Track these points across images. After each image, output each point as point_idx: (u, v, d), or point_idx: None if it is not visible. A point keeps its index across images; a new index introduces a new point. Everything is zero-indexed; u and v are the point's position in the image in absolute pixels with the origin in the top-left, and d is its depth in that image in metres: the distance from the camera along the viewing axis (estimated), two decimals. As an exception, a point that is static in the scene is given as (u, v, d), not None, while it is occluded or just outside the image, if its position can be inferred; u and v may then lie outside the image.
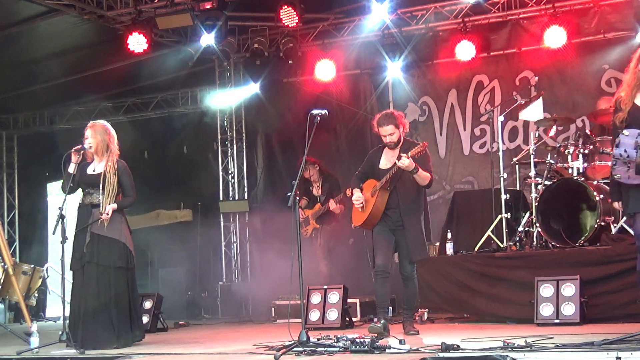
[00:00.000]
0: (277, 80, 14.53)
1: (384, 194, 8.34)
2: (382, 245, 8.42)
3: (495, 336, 7.32)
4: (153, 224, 15.14)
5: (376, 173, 8.50)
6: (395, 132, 8.36)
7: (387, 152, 8.52)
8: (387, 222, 8.42)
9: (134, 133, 14.37)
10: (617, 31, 12.33)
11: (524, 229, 10.72)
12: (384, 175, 8.35)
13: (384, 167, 8.44)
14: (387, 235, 8.43)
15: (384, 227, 8.44)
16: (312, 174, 12.18)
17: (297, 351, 6.78)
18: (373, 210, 8.35)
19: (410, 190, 8.35)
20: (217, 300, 14.05)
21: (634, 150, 6.57)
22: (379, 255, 8.39)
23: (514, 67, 13.27)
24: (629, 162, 6.65)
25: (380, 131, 8.41)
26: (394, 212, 8.36)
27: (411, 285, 8.59)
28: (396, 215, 8.37)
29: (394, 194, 8.34)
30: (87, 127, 8.65)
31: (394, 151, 8.42)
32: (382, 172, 8.41)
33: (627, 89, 6.87)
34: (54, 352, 7.87)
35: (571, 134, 11.96)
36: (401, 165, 7.95)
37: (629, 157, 6.64)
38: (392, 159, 8.36)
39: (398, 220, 8.36)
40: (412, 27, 13.49)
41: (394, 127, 8.35)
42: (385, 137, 8.40)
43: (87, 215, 8.49)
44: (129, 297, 8.53)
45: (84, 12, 12.37)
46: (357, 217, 8.63)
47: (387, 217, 8.40)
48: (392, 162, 8.30)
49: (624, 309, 8.63)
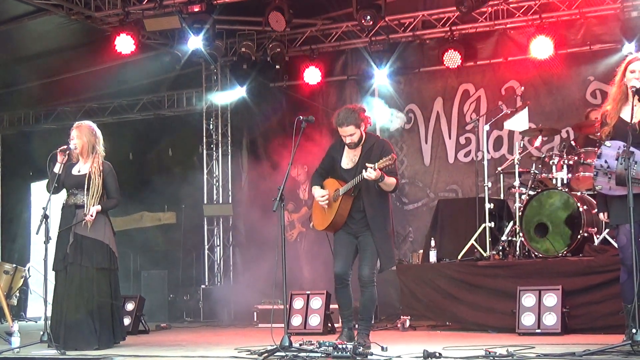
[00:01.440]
0: (264, 85, 14.53)
1: (347, 199, 7.72)
2: (341, 253, 7.79)
3: (477, 345, 7.34)
4: (137, 226, 15.11)
5: (337, 172, 7.88)
6: (356, 133, 7.65)
7: (349, 149, 7.85)
8: (351, 226, 7.76)
9: (119, 134, 14.33)
10: (603, 43, 12.41)
11: (507, 238, 10.75)
12: (345, 175, 7.76)
13: (345, 167, 7.82)
14: (348, 241, 7.79)
15: (346, 232, 7.80)
16: (300, 174, 12.17)
17: (279, 356, 6.77)
18: (336, 217, 7.75)
19: (375, 195, 7.69)
20: (199, 303, 14.01)
21: (615, 161, 6.61)
22: (337, 264, 7.77)
23: (500, 77, 13.31)
24: (610, 173, 6.70)
25: (340, 131, 7.71)
26: (359, 215, 7.74)
27: (368, 293, 7.73)
28: (361, 220, 7.74)
29: (358, 199, 7.72)
30: (73, 128, 8.62)
31: (355, 149, 7.78)
32: (344, 172, 7.79)
33: (613, 103, 6.92)
34: (35, 352, 7.83)
35: (556, 144, 12.02)
36: (367, 177, 7.31)
37: (610, 168, 6.69)
38: (354, 158, 7.76)
39: (364, 224, 7.73)
40: (400, 35, 13.52)
41: (354, 128, 7.62)
42: (345, 138, 7.70)
43: (71, 215, 8.45)
44: (111, 299, 8.50)
45: (71, 13, 12.33)
46: (320, 221, 7.98)
47: (351, 220, 7.75)
48: (355, 161, 7.74)
49: (605, 320, 8.66)
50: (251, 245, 13.75)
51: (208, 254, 14.82)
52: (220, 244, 14.89)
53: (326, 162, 8.05)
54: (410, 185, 13.74)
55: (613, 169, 6.65)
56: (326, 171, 8.02)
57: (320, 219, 7.98)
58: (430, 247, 10.97)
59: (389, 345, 7.44)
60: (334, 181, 7.84)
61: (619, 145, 6.60)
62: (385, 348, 7.03)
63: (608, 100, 7.07)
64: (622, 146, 6.57)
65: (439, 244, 11.13)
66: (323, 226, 7.94)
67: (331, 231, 7.94)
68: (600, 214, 7.20)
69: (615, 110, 6.88)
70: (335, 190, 7.75)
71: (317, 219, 8.06)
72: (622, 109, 6.86)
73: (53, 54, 13.91)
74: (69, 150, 8.48)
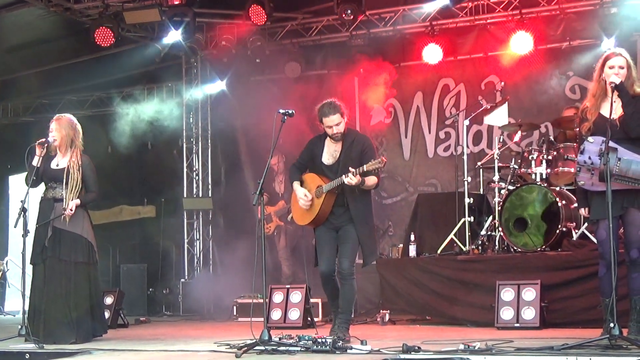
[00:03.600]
0: (244, 78, 14.48)
1: (330, 196, 7.70)
2: (325, 250, 7.79)
3: (456, 339, 7.35)
4: (116, 220, 15.05)
5: (317, 166, 7.85)
6: (342, 122, 7.65)
7: (329, 144, 7.84)
8: (334, 222, 7.79)
9: (98, 127, 14.26)
10: (583, 39, 12.46)
11: (486, 232, 10.79)
12: (325, 170, 7.75)
13: (326, 162, 7.80)
14: (330, 238, 7.80)
15: (329, 228, 7.81)
16: (278, 163, 12.14)
17: (259, 350, 6.76)
18: (319, 213, 7.73)
19: (358, 191, 7.63)
20: (179, 297, 13.97)
21: (598, 157, 6.62)
22: (322, 261, 7.79)
23: (480, 72, 13.34)
24: (593, 169, 6.72)
25: (326, 122, 7.67)
26: (342, 210, 7.74)
27: (348, 286, 7.76)
28: (343, 214, 7.75)
29: (341, 195, 7.69)
30: (53, 120, 8.58)
31: (336, 144, 7.77)
32: (324, 167, 7.78)
33: (592, 99, 6.95)
34: (13, 346, 7.79)
35: (535, 139, 12.07)
36: (347, 183, 7.35)
37: (593, 164, 6.70)
38: (335, 153, 7.76)
39: (345, 219, 7.74)
40: (380, 29, 13.52)
41: (340, 117, 7.64)
42: (332, 128, 7.67)
43: (50, 209, 8.41)
44: (90, 293, 8.47)
45: (50, 4, 12.25)
46: (302, 217, 7.98)
47: (334, 216, 7.76)
48: (335, 157, 7.74)
49: (583, 315, 8.72)
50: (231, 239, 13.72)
51: (188, 247, 14.78)
52: (200, 237, 14.85)
53: (305, 156, 8.04)
54: (390, 180, 13.73)
55: (596, 165, 6.66)
56: (304, 165, 8.02)
57: (301, 215, 7.99)
58: (409, 242, 10.99)
59: (369, 339, 7.41)
60: (315, 176, 7.84)
61: (601, 141, 6.60)
62: (365, 342, 7.02)
63: (588, 96, 7.09)
64: (604, 142, 6.57)
65: (418, 238, 11.14)
66: (305, 222, 7.97)
67: (313, 226, 7.96)
68: (581, 209, 7.23)
69: (595, 106, 6.90)
70: (317, 187, 7.75)
71: (298, 214, 8.07)
72: (601, 104, 6.88)
73: (32, 46, 13.82)
74: (48, 143, 8.43)
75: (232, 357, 6.52)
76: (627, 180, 6.59)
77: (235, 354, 6.57)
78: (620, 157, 6.55)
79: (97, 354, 7.16)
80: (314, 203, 7.78)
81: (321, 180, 7.75)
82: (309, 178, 7.91)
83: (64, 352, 7.24)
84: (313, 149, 7.96)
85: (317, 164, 7.89)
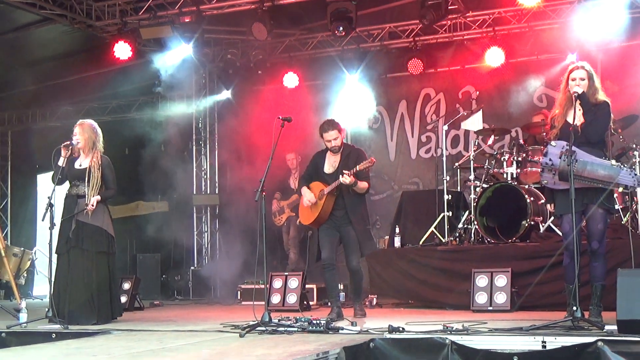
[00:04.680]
0: (248, 88, 14.47)
1: (330, 198, 8.20)
2: (326, 241, 8.25)
3: (436, 320, 7.36)
4: (133, 214, 15.00)
5: (320, 176, 8.37)
6: (338, 137, 8.23)
7: (330, 156, 8.39)
8: (334, 221, 8.27)
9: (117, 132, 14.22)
10: (550, 53, 12.49)
11: (463, 226, 10.79)
12: (327, 178, 8.26)
13: (327, 172, 8.32)
14: (332, 233, 8.28)
15: (329, 226, 8.28)
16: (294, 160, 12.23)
17: (260, 330, 6.75)
18: (321, 213, 8.21)
19: (354, 194, 8.21)
20: (189, 283, 13.96)
21: (559, 159, 6.65)
22: (324, 250, 8.24)
23: (458, 82, 13.37)
24: (554, 170, 6.74)
25: (325, 137, 8.25)
26: (341, 212, 8.24)
27: (358, 277, 8.46)
28: (342, 215, 8.24)
29: (340, 198, 8.21)
30: (76, 125, 8.56)
31: (335, 156, 8.33)
32: (326, 176, 8.29)
33: (560, 108, 6.98)
34: (41, 327, 7.76)
35: (506, 142, 12.07)
36: (343, 182, 7.91)
37: (554, 165, 6.73)
38: (334, 163, 8.30)
39: (344, 219, 8.24)
40: (369, 44, 13.53)
41: (337, 132, 8.20)
42: (330, 142, 8.24)
43: (73, 204, 8.40)
44: (109, 279, 8.46)
45: (74, 22, 12.26)
46: (306, 217, 8.45)
47: (333, 216, 8.26)
48: (335, 167, 8.26)
49: (550, 299, 8.70)
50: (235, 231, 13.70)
51: (197, 239, 14.80)
52: (208, 230, 14.86)
53: (310, 168, 8.57)
54: (377, 178, 13.71)
55: (557, 166, 6.69)
56: (310, 175, 8.51)
57: (306, 216, 8.46)
58: (394, 234, 10.99)
59: (358, 320, 7.47)
60: (319, 183, 8.35)
61: (562, 144, 6.65)
62: (355, 323, 7.03)
63: (555, 105, 7.11)
64: (565, 145, 6.61)
65: (402, 230, 11.14)
66: (309, 221, 8.43)
67: (315, 226, 8.41)
68: (547, 205, 7.25)
69: (562, 114, 6.93)
70: (320, 191, 8.24)
71: (303, 216, 8.54)
72: (567, 112, 6.90)
73: (57, 59, 13.81)
74: (72, 145, 8.42)
75: (237, 337, 6.51)
76: (583, 179, 6.60)
77: (239, 334, 6.56)
78: (577, 158, 6.56)
79: (116, 334, 7.14)
80: (317, 204, 8.24)
81: (324, 187, 8.25)
82: (314, 185, 8.38)
83: (86, 332, 7.22)
84: (317, 162, 8.50)
85: (320, 173, 8.40)
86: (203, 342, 6.31)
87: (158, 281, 13.94)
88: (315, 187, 8.33)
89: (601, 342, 5.44)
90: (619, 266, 7.10)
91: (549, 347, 5.79)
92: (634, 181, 6.63)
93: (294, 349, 5.56)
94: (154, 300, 12.42)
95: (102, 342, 6.55)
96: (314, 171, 8.48)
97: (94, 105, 15.69)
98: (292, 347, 5.68)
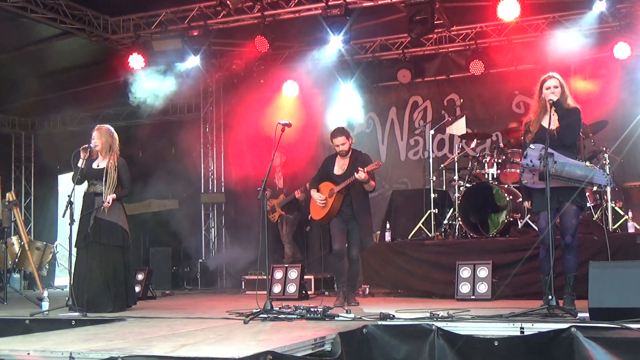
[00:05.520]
0: (251, 95, 14.44)
1: (340, 196, 8.44)
2: (338, 234, 8.52)
3: (424, 308, 7.36)
4: (146, 211, 14.98)
5: (330, 177, 8.60)
6: (346, 143, 8.50)
7: (339, 160, 8.63)
8: (342, 215, 8.51)
9: (131, 135, 14.22)
10: (526, 64, 12.49)
11: (448, 222, 10.79)
12: (337, 179, 8.49)
13: (337, 173, 8.56)
14: (342, 226, 8.53)
15: (339, 220, 8.53)
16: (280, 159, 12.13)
17: (263, 317, 6.74)
18: (331, 209, 8.46)
19: (360, 194, 8.46)
20: (197, 274, 13.95)
21: (538, 160, 6.66)
22: (335, 243, 8.52)
23: (443, 91, 13.38)
24: (534, 170, 6.75)
25: (334, 142, 8.53)
26: (348, 208, 8.47)
27: (355, 267, 8.68)
28: (349, 211, 8.47)
29: (348, 196, 8.45)
30: (94, 130, 8.55)
31: (344, 159, 8.57)
32: (336, 177, 8.53)
33: (534, 114, 7.01)
34: (62, 315, 7.76)
35: (487, 146, 12.06)
36: (358, 178, 8.10)
37: (534, 166, 6.73)
38: (343, 166, 8.53)
39: (351, 214, 8.47)
40: (362, 56, 13.54)
41: (345, 138, 8.49)
42: (338, 147, 8.52)
43: (91, 202, 8.39)
44: (124, 270, 8.44)
45: (92, 35, 12.27)
46: (317, 213, 8.66)
47: (342, 212, 8.50)
48: (344, 169, 8.47)
49: (527, 289, 8.72)
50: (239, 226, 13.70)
51: (204, 234, 14.79)
52: (215, 225, 14.84)
53: (321, 171, 8.83)
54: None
55: (536, 167, 6.70)
56: (321, 177, 8.76)
57: (317, 212, 8.68)
58: (385, 229, 11.00)
59: (352, 309, 7.46)
60: (328, 183, 8.60)
61: (540, 147, 6.65)
62: (349, 311, 7.02)
63: (530, 112, 7.12)
64: (543, 148, 6.61)
65: (392, 226, 11.15)
66: (320, 217, 8.65)
67: (326, 221, 8.61)
68: (525, 202, 7.27)
69: (536, 119, 6.95)
70: (330, 190, 8.48)
71: (315, 212, 8.72)
72: (542, 118, 6.92)
73: (76, 69, 13.79)
74: (90, 148, 8.41)
75: (241, 323, 6.50)
76: (562, 179, 6.62)
77: (243, 321, 6.56)
78: (556, 160, 6.57)
79: (130, 321, 7.13)
80: (327, 202, 8.46)
81: (333, 186, 8.48)
82: (323, 186, 8.62)
83: (103, 319, 7.21)
84: (327, 165, 8.76)
85: (330, 175, 8.64)
86: (210, 328, 6.30)
87: (169, 272, 13.92)
88: (325, 186, 8.59)
89: (574, 328, 5.46)
90: (590, 259, 7.14)
91: (527, 332, 5.79)
92: (607, 180, 6.68)
93: (294, 334, 5.56)
94: (165, 290, 12.42)
95: (117, 328, 6.54)
96: (324, 173, 8.73)
97: (110, 112, 15.67)
98: (292, 333, 5.69)
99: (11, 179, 16.38)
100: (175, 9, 12.16)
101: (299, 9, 11.61)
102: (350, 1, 11.04)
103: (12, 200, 11.52)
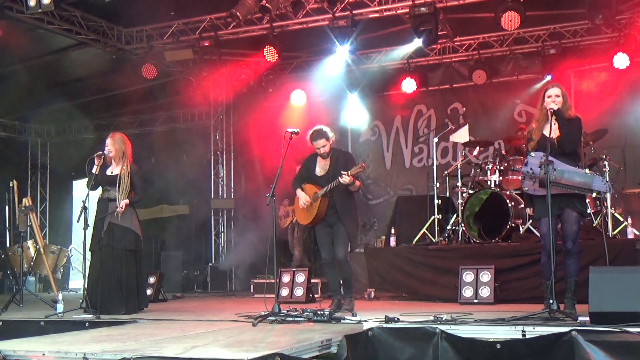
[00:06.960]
0: (260, 104, 14.47)
1: (324, 200, 7.87)
2: (324, 241, 7.96)
3: (428, 312, 7.32)
4: (158, 216, 15.00)
5: (312, 178, 8.00)
6: (327, 144, 7.84)
7: (320, 160, 8.01)
8: (327, 220, 7.90)
9: (144, 143, 14.25)
10: (528, 74, 12.52)
11: (451, 227, 10.77)
12: (318, 180, 7.92)
13: (319, 174, 7.96)
14: (327, 232, 7.94)
15: (324, 225, 7.95)
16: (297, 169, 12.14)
17: (271, 320, 6.74)
18: (317, 214, 7.88)
19: (344, 196, 7.87)
20: (207, 277, 13.96)
21: (539, 168, 6.65)
22: (323, 250, 7.99)
23: (447, 100, 13.37)
24: (534, 178, 6.74)
25: (314, 144, 7.87)
26: (332, 211, 7.89)
27: (346, 269, 7.94)
28: (334, 214, 7.89)
29: (332, 199, 7.86)
30: (108, 137, 8.56)
31: (325, 160, 7.95)
32: (317, 178, 7.94)
33: (536, 123, 6.99)
34: (76, 316, 7.77)
35: (490, 153, 12.04)
36: (343, 182, 7.55)
37: (534, 173, 6.72)
38: (325, 167, 7.93)
39: (335, 217, 7.88)
40: (367, 65, 13.55)
41: (325, 140, 7.82)
42: (319, 149, 7.88)
43: (105, 207, 8.40)
44: (136, 274, 8.45)
45: (106, 45, 12.29)
46: (303, 217, 8.09)
47: (327, 216, 7.90)
48: (326, 169, 7.92)
49: (529, 293, 8.69)
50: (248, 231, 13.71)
51: (214, 238, 14.80)
52: (224, 230, 14.85)
53: (303, 171, 8.18)
54: (375, 185, 13.78)
55: (537, 174, 6.69)
56: (303, 177, 8.13)
57: (303, 216, 8.09)
58: (390, 234, 10.98)
59: (358, 312, 7.47)
60: (311, 186, 7.96)
61: (541, 155, 6.64)
62: (355, 314, 7.02)
63: (533, 120, 7.11)
64: (543, 156, 6.60)
65: (397, 231, 11.13)
66: (307, 221, 8.05)
67: (313, 225, 8.05)
68: (527, 209, 7.24)
69: (539, 128, 6.93)
70: (314, 193, 7.88)
71: (301, 216, 8.17)
72: (544, 127, 6.90)
73: (91, 78, 13.83)
74: (104, 155, 8.42)
75: (250, 326, 6.50)
76: (561, 185, 6.60)
77: (252, 323, 6.56)
78: (555, 167, 6.56)
79: (142, 323, 7.14)
80: (312, 205, 7.89)
81: (316, 189, 7.88)
82: (307, 188, 8.01)
83: (116, 321, 7.22)
84: (309, 165, 8.10)
85: (311, 175, 8.02)
86: (220, 330, 6.30)
87: (180, 276, 13.93)
88: (308, 189, 7.99)
89: (575, 331, 5.44)
90: (591, 264, 7.13)
91: (528, 335, 5.78)
92: (606, 187, 6.66)
93: (301, 337, 5.56)
94: (176, 293, 12.41)
95: (130, 329, 6.55)
96: (306, 173, 8.12)
97: (124, 119, 15.73)
98: (299, 335, 5.68)
99: (27, 184, 16.43)
100: (186, 20, 12.18)
101: (306, 20, 11.61)
102: (356, 12, 11.04)
103: (28, 206, 11.56)
